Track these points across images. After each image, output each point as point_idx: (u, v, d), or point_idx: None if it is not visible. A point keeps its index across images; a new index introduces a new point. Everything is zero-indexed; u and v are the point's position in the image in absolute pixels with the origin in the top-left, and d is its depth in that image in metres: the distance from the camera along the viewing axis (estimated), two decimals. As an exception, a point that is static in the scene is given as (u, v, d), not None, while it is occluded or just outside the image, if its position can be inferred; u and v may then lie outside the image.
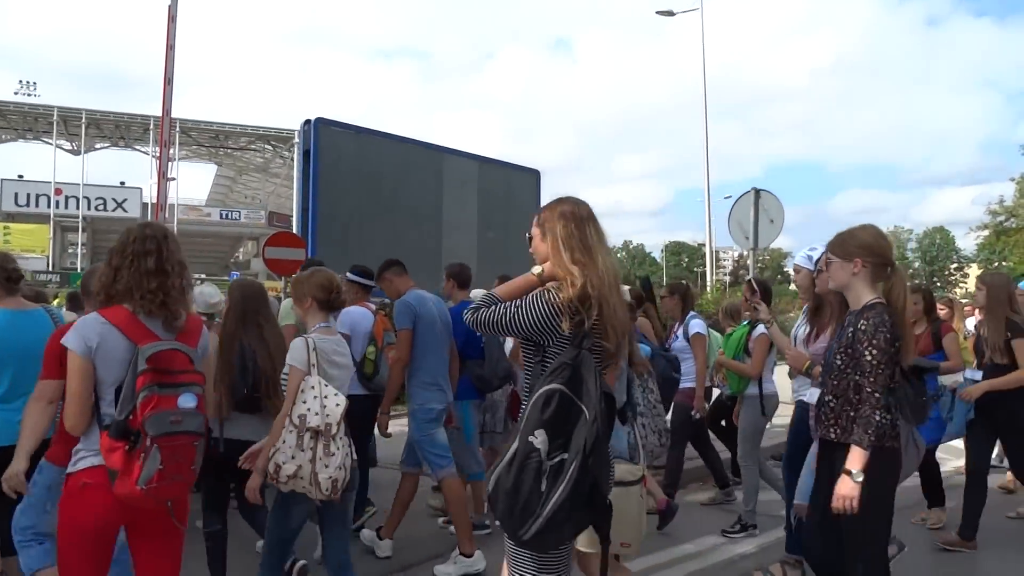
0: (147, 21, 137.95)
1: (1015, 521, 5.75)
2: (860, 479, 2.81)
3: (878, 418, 2.81)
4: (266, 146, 47.31)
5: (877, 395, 2.83)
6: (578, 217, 2.42)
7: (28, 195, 40.80)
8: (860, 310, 2.99)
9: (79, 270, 38.97)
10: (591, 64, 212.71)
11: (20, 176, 41.88)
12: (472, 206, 11.00)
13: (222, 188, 54.28)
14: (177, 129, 37.64)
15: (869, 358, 2.85)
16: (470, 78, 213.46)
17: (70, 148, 42.87)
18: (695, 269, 65.75)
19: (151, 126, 40.69)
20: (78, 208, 40.99)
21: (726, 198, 28.75)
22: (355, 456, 3.42)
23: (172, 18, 11.34)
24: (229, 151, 48.69)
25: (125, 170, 71.71)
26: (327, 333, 3.50)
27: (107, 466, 2.43)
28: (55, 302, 7.56)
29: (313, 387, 3.26)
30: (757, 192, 9.63)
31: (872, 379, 2.84)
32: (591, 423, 2.14)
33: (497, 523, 2.29)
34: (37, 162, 67.45)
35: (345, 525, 3.78)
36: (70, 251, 42.47)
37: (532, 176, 12.62)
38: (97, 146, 44.58)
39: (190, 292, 2.86)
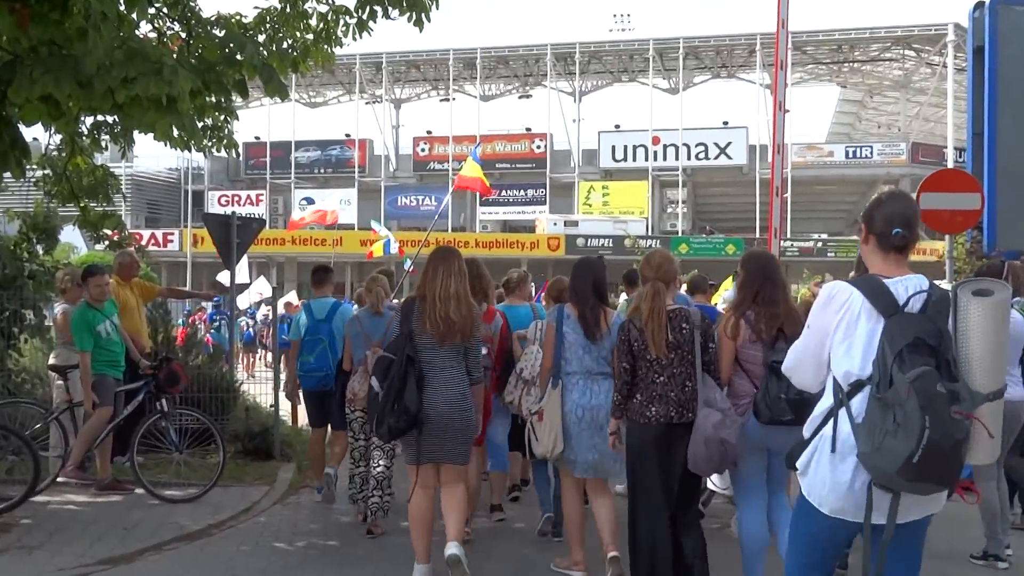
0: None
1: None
2: None
3: None
4: (907, 52, 46.72)
5: None
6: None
7: (625, 147, 47.73)
8: None
9: (679, 233, 43.82)
10: None
11: (617, 126, 48.94)
12: None
13: (847, 117, 55.01)
14: (790, 46, 39.08)
15: None
16: None
17: (667, 87, 48.58)
18: None
19: (757, 47, 43.33)
20: (676, 159, 45.94)
21: None
22: None
23: None
24: (855, 65, 48.92)
25: (728, 107, 78.34)
26: None
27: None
28: (682, 288, 8.29)
29: None
30: None
31: None
32: (397, 367, 5.38)
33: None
34: (633, 108, 78.57)
35: None
36: (668, 210, 47.97)
37: None
38: (695, 80, 49.46)
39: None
